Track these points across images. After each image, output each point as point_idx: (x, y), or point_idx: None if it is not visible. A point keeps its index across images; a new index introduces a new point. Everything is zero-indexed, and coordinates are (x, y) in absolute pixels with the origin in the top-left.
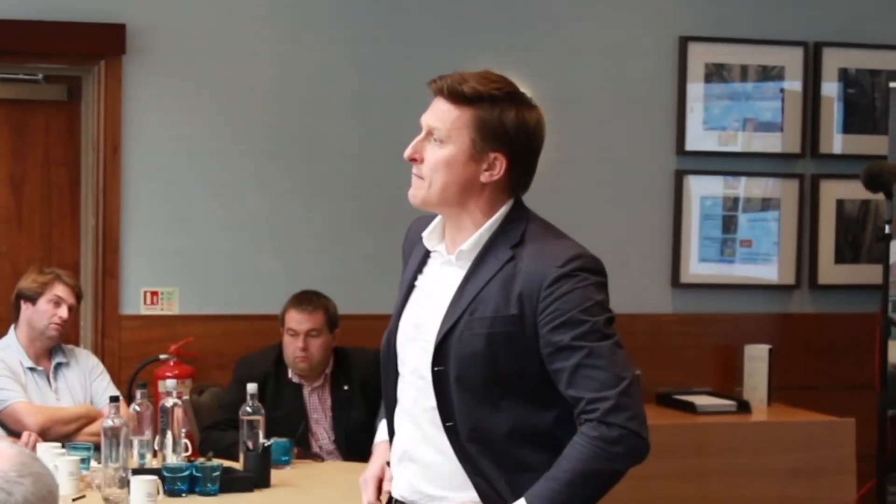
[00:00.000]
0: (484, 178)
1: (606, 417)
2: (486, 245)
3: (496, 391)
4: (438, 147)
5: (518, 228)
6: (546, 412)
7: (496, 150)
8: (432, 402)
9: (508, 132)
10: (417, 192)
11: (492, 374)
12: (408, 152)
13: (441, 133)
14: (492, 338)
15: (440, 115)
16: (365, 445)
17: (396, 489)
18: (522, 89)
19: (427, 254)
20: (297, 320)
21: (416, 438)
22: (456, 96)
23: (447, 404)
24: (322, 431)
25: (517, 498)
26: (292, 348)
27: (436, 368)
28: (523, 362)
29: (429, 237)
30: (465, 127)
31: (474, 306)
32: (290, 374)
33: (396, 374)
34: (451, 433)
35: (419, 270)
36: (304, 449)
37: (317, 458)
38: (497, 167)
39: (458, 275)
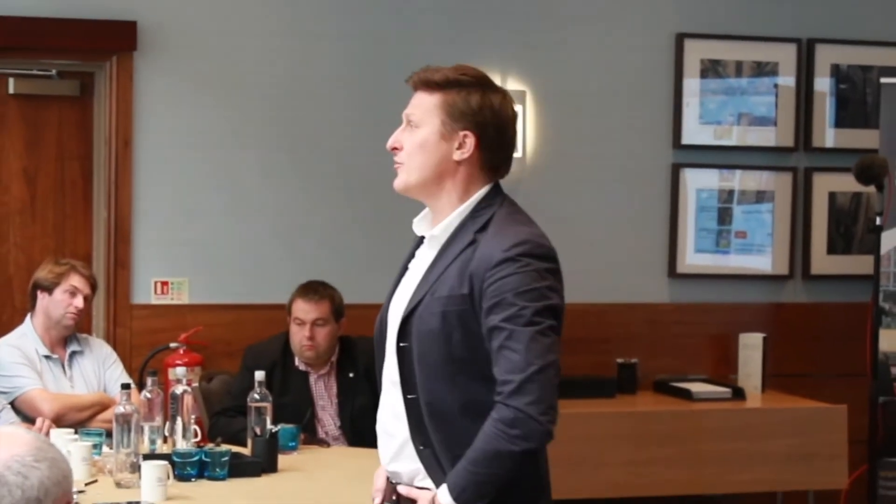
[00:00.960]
0: (456, 156)
1: (507, 400)
2: (456, 229)
3: (451, 368)
4: (414, 131)
5: (486, 214)
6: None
7: (465, 129)
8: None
9: (474, 111)
10: (399, 178)
11: (447, 351)
12: (389, 143)
13: (416, 118)
14: (446, 316)
15: (416, 103)
16: (370, 431)
17: (382, 461)
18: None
19: (422, 239)
20: (304, 310)
21: (390, 413)
22: (428, 84)
23: (410, 378)
24: (328, 418)
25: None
26: (299, 337)
27: (401, 344)
28: (475, 341)
29: (419, 223)
30: (435, 109)
31: (436, 287)
32: (296, 362)
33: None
34: (412, 406)
35: (412, 255)
36: (310, 435)
37: (323, 443)
38: (467, 145)
39: (431, 257)
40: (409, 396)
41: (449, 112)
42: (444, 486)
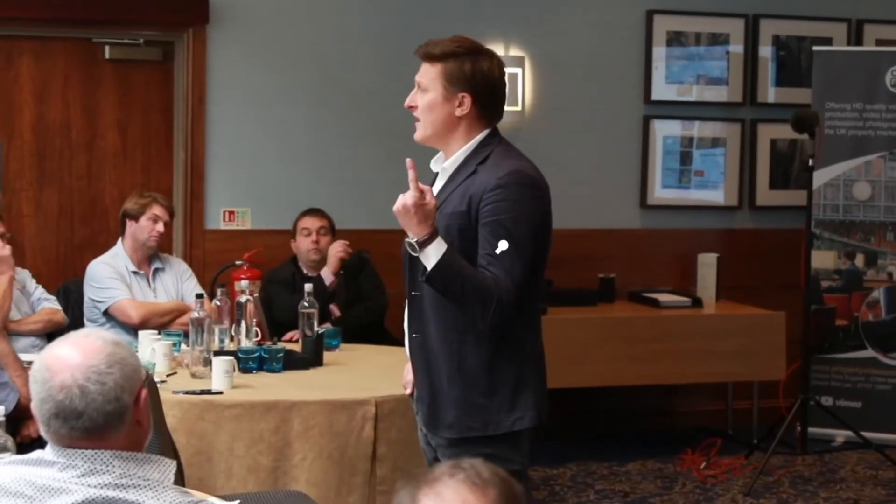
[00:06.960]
0: (457, 112)
1: (498, 284)
2: (462, 163)
3: None
4: (424, 95)
5: (486, 151)
6: None
7: (462, 91)
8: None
9: (468, 77)
10: (418, 132)
11: None
12: (406, 102)
13: (424, 84)
14: (448, 229)
15: (423, 72)
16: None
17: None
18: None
19: (437, 176)
20: (310, 223)
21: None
22: (431, 57)
23: (416, 280)
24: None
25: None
26: (307, 244)
27: (413, 255)
28: (470, 249)
29: (434, 163)
30: (438, 77)
31: (443, 207)
32: (305, 271)
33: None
34: (415, 300)
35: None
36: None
37: (333, 313)
38: (465, 104)
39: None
40: (413, 293)
41: (448, 79)
42: (439, 239)
